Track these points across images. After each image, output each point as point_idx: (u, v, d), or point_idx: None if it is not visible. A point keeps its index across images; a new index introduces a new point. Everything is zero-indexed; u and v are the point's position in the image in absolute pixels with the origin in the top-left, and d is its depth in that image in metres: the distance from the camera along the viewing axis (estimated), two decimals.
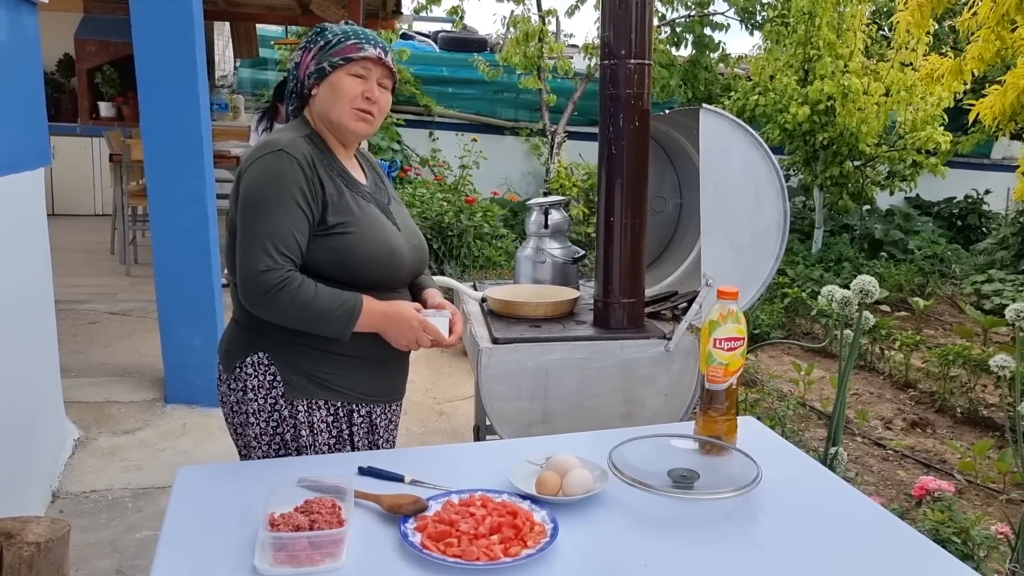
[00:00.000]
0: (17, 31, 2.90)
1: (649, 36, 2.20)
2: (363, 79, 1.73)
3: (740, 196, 2.21)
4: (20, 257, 2.94)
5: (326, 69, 1.72)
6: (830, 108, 7.49)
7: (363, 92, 1.72)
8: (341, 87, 1.72)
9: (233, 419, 1.79)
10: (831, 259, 7.95)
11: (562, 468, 1.55)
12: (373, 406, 1.83)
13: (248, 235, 1.64)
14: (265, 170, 1.66)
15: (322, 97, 1.74)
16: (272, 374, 1.73)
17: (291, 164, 1.65)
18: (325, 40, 1.75)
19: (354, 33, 1.75)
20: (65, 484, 3.15)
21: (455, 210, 6.14)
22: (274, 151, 1.67)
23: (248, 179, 1.67)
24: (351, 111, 1.72)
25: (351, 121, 1.73)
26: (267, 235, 1.62)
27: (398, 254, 1.77)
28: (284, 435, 1.75)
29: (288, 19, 9.07)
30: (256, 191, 1.65)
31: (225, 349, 1.80)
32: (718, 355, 1.68)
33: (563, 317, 2.44)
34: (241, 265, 1.64)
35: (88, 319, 4.97)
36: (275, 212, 1.63)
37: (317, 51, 1.75)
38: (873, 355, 5.72)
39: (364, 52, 1.71)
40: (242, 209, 1.66)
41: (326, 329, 1.67)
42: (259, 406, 1.74)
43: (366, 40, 1.74)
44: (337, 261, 1.69)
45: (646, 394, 2.23)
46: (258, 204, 1.64)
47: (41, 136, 3.18)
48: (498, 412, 2.20)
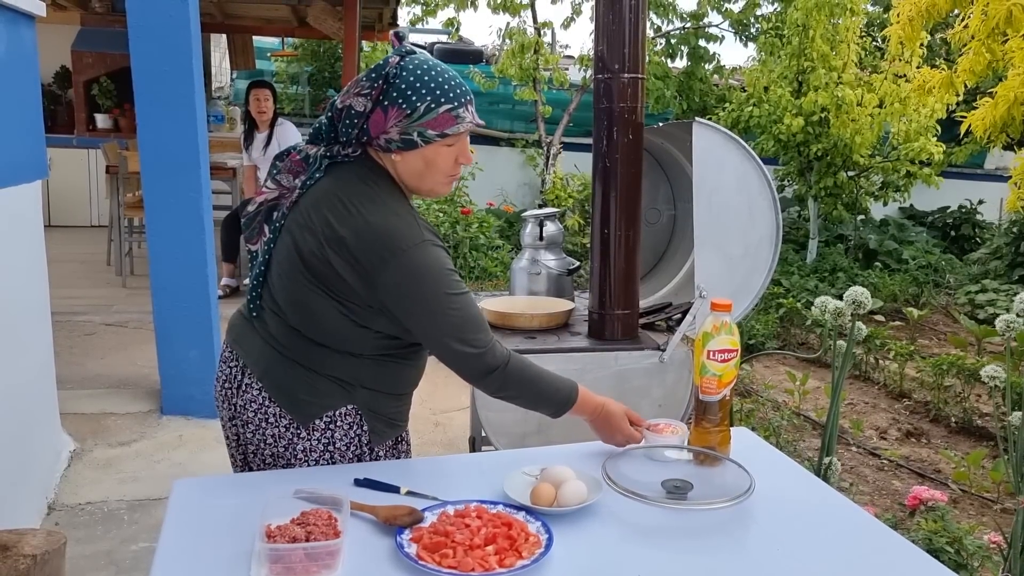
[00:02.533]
0: (15, 44, 2.92)
1: (643, 50, 2.22)
2: (454, 147, 1.60)
3: (733, 208, 2.23)
4: (17, 269, 2.95)
5: (417, 143, 1.57)
6: (824, 119, 7.55)
7: (456, 159, 1.62)
8: (436, 161, 1.60)
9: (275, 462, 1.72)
10: (826, 269, 7.98)
11: (556, 479, 1.56)
12: (407, 429, 1.88)
13: (441, 332, 1.59)
14: (426, 266, 1.56)
15: (410, 166, 1.60)
16: (359, 424, 1.69)
17: (439, 252, 1.59)
18: (411, 107, 1.55)
19: (442, 92, 1.56)
20: (61, 496, 3.15)
21: (451, 221, 6.16)
22: (419, 244, 1.56)
23: (405, 279, 1.54)
24: (445, 179, 1.63)
25: (442, 188, 1.65)
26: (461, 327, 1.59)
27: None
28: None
29: (285, 31, 9.11)
30: (426, 292, 1.56)
31: (301, 399, 1.66)
32: (712, 367, 1.69)
33: (558, 328, 2.45)
34: (456, 351, 1.60)
35: (84, 331, 4.97)
36: (456, 299, 1.58)
37: (402, 117, 1.56)
38: (868, 365, 5.74)
39: (461, 125, 1.57)
40: (416, 307, 1.57)
41: (537, 407, 1.74)
42: (341, 455, 1.70)
43: (458, 102, 1.57)
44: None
45: (641, 405, 2.24)
46: (439, 298, 1.56)
47: (38, 149, 3.19)
48: (493, 423, 2.21)
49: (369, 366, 1.66)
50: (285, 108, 9.31)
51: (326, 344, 1.64)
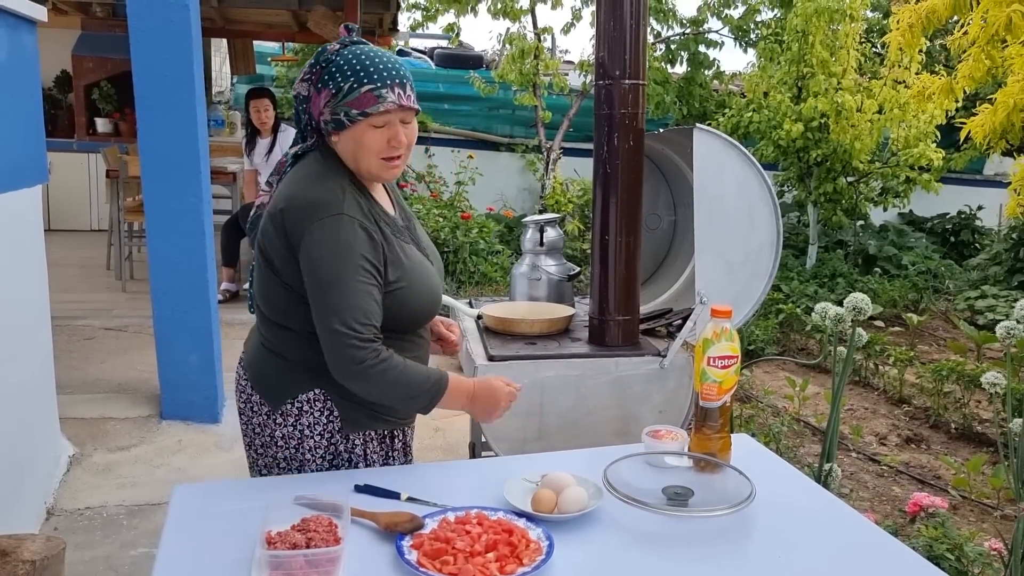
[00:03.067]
0: (17, 50, 2.93)
1: (643, 57, 2.22)
2: (385, 127, 1.62)
3: (734, 215, 2.23)
4: (17, 274, 2.95)
5: (344, 123, 1.62)
6: (824, 125, 7.55)
7: (388, 141, 1.62)
8: (364, 141, 1.62)
9: (264, 451, 1.76)
10: (825, 275, 7.98)
11: (557, 486, 1.56)
12: (406, 429, 1.86)
13: (329, 309, 1.58)
14: (332, 239, 1.58)
15: (345, 147, 1.65)
16: (329, 409, 1.70)
17: (354, 229, 1.59)
18: (336, 86, 1.61)
19: (366, 73, 1.60)
20: (60, 501, 3.14)
21: (451, 226, 6.16)
22: (335, 215, 1.59)
23: (312, 247, 1.58)
24: (378, 162, 1.64)
25: (382, 171, 1.67)
26: (346, 310, 1.57)
27: (438, 295, 1.78)
28: (339, 468, 1.74)
29: (285, 36, 9.13)
30: (326, 264, 1.58)
31: (271, 384, 1.73)
32: (712, 373, 1.69)
33: (558, 334, 2.45)
34: (329, 336, 1.59)
35: (84, 335, 4.96)
36: (352, 283, 1.58)
37: (329, 98, 1.62)
38: (867, 371, 5.74)
39: (383, 104, 1.59)
40: (315, 280, 1.60)
41: (411, 405, 1.69)
42: (315, 443, 1.72)
43: (382, 82, 1.59)
44: (390, 316, 1.66)
45: (641, 411, 2.24)
46: (333, 278, 1.58)
47: (39, 154, 3.20)
48: (494, 429, 2.21)
49: None
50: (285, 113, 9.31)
51: (289, 326, 1.69)
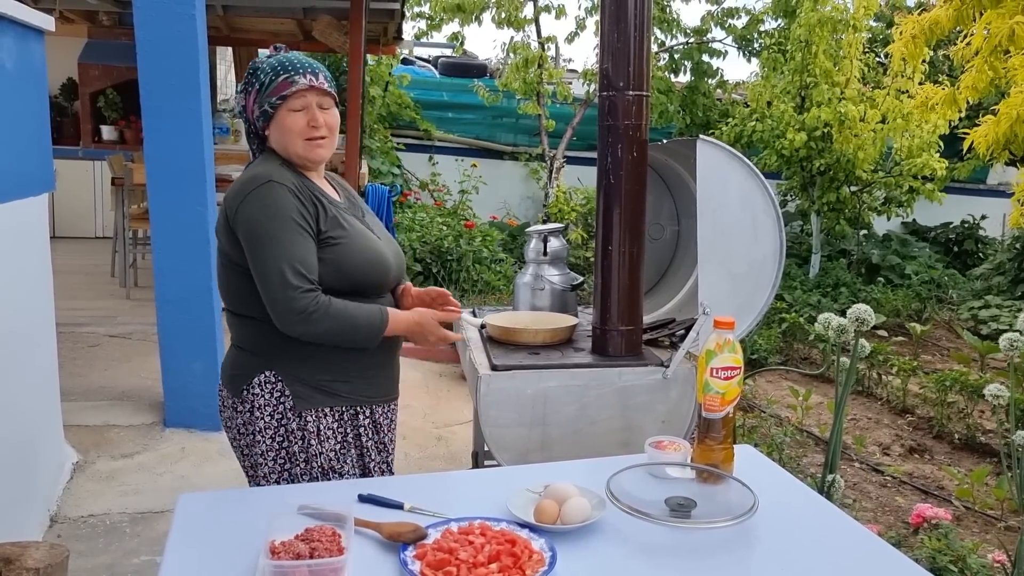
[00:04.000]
0: (25, 59, 2.95)
1: (647, 68, 2.23)
2: (303, 111, 1.80)
3: (737, 225, 2.23)
4: (23, 282, 2.96)
5: (268, 111, 1.81)
6: (827, 134, 7.56)
7: (308, 122, 1.80)
8: (286, 125, 1.80)
9: (240, 440, 1.86)
10: (828, 284, 7.98)
11: (560, 496, 1.56)
12: (375, 407, 1.91)
13: (265, 268, 1.72)
14: (262, 202, 1.74)
15: (275, 137, 1.84)
16: (280, 390, 1.81)
17: (282, 192, 1.75)
18: (260, 83, 1.82)
19: (282, 67, 1.80)
20: (63, 508, 3.15)
21: (454, 234, 6.17)
22: (264, 183, 1.75)
23: (246, 215, 1.75)
24: (303, 143, 1.82)
25: (308, 152, 1.83)
26: (284, 262, 1.70)
27: (385, 260, 1.89)
28: (292, 447, 1.82)
29: (291, 45, 9.15)
30: (259, 225, 1.73)
31: (230, 375, 1.87)
32: (715, 384, 1.70)
33: (562, 344, 2.46)
34: (270, 298, 1.72)
35: (88, 342, 4.97)
36: (284, 238, 1.72)
37: (256, 95, 1.83)
38: (871, 380, 5.73)
39: (295, 86, 1.78)
40: (249, 244, 1.74)
41: (360, 339, 1.78)
42: (266, 423, 1.81)
43: (295, 71, 1.79)
44: (332, 271, 1.78)
45: (644, 421, 2.24)
46: (266, 236, 1.72)
47: (46, 162, 3.21)
48: (497, 439, 2.21)
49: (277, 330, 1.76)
50: None
51: (245, 314, 1.82)
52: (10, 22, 2.78)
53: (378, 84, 9.37)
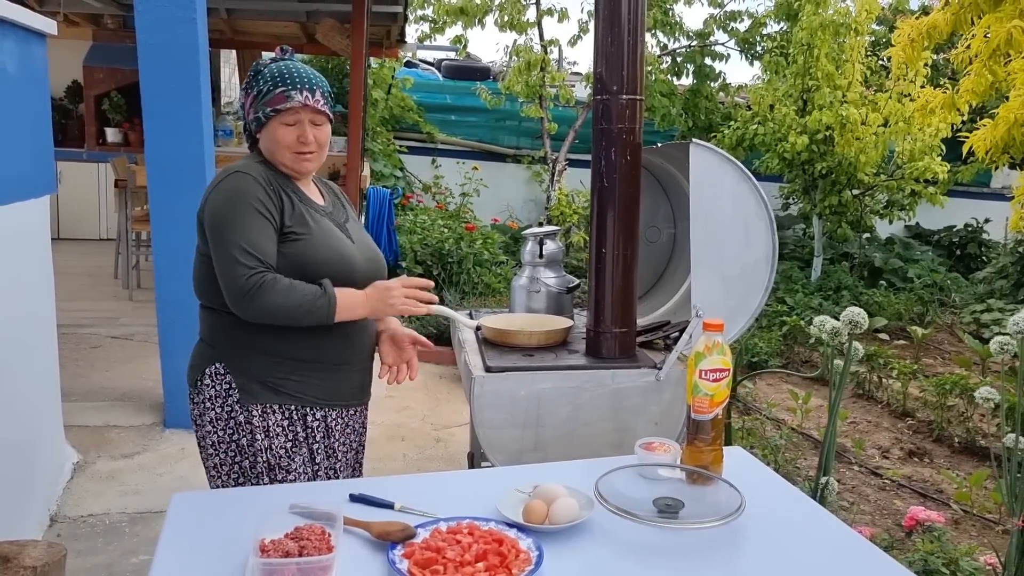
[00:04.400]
0: (26, 63, 2.97)
1: (641, 72, 2.25)
2: (295, 125, 1.83)
3: (730, 229, 2.25)
4: (24, 283, 2.98)
5: (262, 119, 1.84)
6: (829, 138, 7.57)
7: (297, 137, 1.84)
8: (277, 137, 1.84)
9: (197, 432, 1.91)
10: (830, 287, 7.98)
11: (549, 497, 1.57)
12: (328, 410, 1.92)
13: (221, 250, 1.76)
14: (224, 191, 1.80)
15: (264, 143, 1.88)
16: (228, 383, 1.85)
17: (247, 181, 1.80)
18: (258, 89, 1.85)
19: (282, 79, 1.82)
20: (63, 508, 3.17)
21: (455, 237, 6.19)
22: (231, 174, 1.82)
23: (211, 203, 1.81)
24: (291, 155, 1.86)
25: (294, 164, 1.87)
26: (237, 243, 1.74)
27: (349, 259, 1.88)
28: (240, 440, 1.85)
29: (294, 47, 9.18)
30: (220, 210, 1.78)
31: (190, 366, 1.93)
32: (704, 386, 1.71)
33: (556, 346, 2.47)
34: (223, 279, 1.76)
35: (90, 343, 5.00)
36: (240, 222, 1.76)
37: (253, 99, 1.86)
38: (871, 384, 5.73)
39: (290, 103, 1.81)
40: (210, 230, 1.79)
41: (312, 316, 1.77)
42: (216, 415, 1.86)
43: (293, 86, 1.82)
44: (292, 265, 1.80)
45: (637, 423, 2.26)
46: (224, 219, 1.77)
47: (47, 164, 3.24)
48: (490, 440, 2.23)
49: (229, 323, 1.81)
50: None
51: (208, 305, 1.88)
52: (11, 26, 2.81)
53: (381, 87, 9.40)
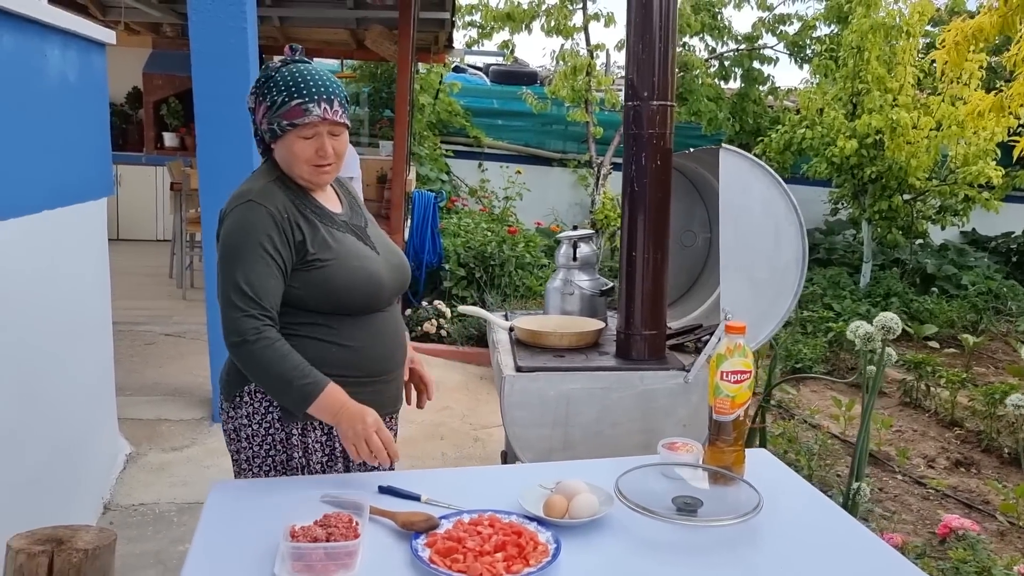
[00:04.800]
0: (87, 71, 3.12)
1: (671, 78, 2.28)
2: (313, 138, 1.77)
3: (759, 233, 2.26)
4: (83, 281, 3.13)
5: (277, 132, 1.78)
6: (879, 142, 7.44)
7: (316, 151, 1.78)
8: (294, 150, 1.78)
9: (231, 445, 1.90)
10: (879, 294, 7.84)
11: (570, 492, 1.62)
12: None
13: (224, 283, 1.72)
14: (236, 222, 1.74)
15: (280, 155, 1.82)
16: (268, 400, 1.81)
17: (260, 214, 1.73)
18: (271, 100, 1.77)
19: (297, 89, 1.75)
20: (116, 497, 3.31)
21: (498, 240, 6.25)
22: (245, 202, 1.75)
23: (224, 230, 1.76)
24: (309, 168, 1.80)
25: (312, 177, 1.82)
26: (240, 282, 1.70)
27: (376, 278, 1.84)
28: (277, 457, 1.84)
29: (344, 53, 9.39)
30: (229, 242, 1.74)
31: (225, 380, 1.89)
32: (725, 387, 1.74)
33: (587, 348, 2.51)
34: (221, 309, 1.73)
35: (145, 340, 5.19)
36: (248, 260, 1.71)
37: (266, 110, 1.78)
38: (919, 392, 5.63)
39: (308, 117, 1.74)
40: (219, 258, 1.76)
41: (285, 396, 1.73)
42: (253, 431, 1.84)
43: (310, 97, 1.75)
44: (319, 293, 1.78)
45: (665, 425, 2.28)
46: (231, 254, 1.73)
47: (105, 168, 3.39)
48: (520, 438, 2.28)
49: None
50: None
51: None
52: (74, 36, 2.96)
53: (428, 92, 9.52)
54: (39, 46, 2.70)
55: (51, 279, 2.78)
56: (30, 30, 2.60)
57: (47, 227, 2.71)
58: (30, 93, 2.62)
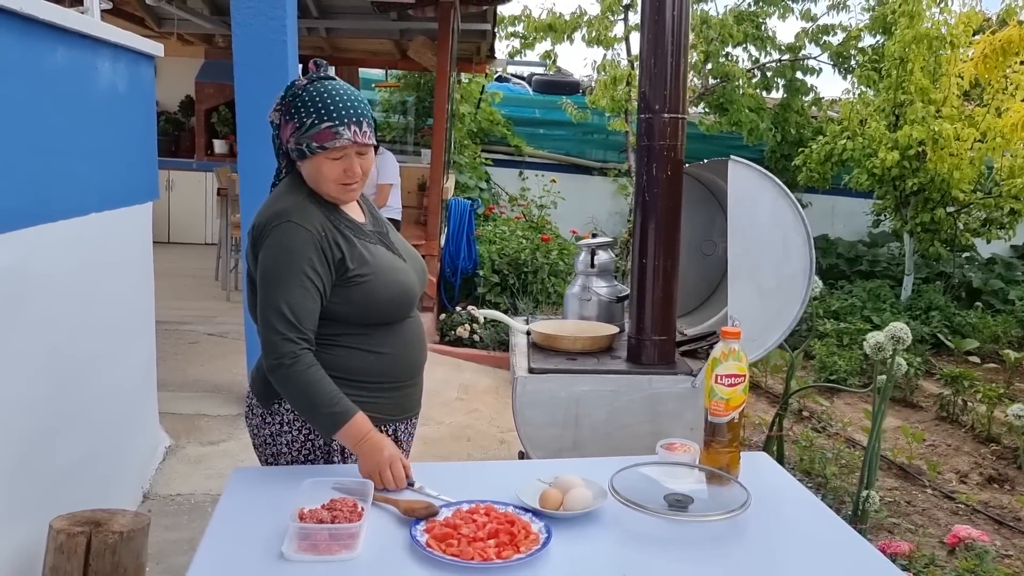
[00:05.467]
0: (135, 82, 3.30)
1: (683, 91, 2.35)
2: (342, 159, 1.80)
3: (767, 242, 2.32)
4: (127, 282, 3.30)
5: (306, 153, 1.79)
6: (921, 153, 7.36)
7: (344, 171, 1.81)
8: (323, 171, 1.81)
9: (265, 450, 1.96)
10: (920, 307, 7.73)
11: (565, 486, 1.70)
12: (397, 423, 1.99)
13: (266, 304, 1.77)
14: (278, 243, 1.77)
15: (308, 173, 1.84)
16: None
17: (301, 235, 1.76)
18: (300, 121, 1.78)
19: (327, 111, 1.76)
20: (155, 487, 3.47)
21: (532, 247, 6.35)
22: (285, 222, 1.77)
23: (264, 251, 1.79)
24: (337, 187, 1.83)
25: (340, 195, 1.86)
26: (279, 305, 1.74)
27: (410, 289, 1.93)
28: (316, 461, 1.92)
29: (388, 63, 9.60)
30: (271, 264, 1.77)
31: (262, 388, 1.89)
32: (719, 390, 1.80)
33: (601, 352, 2.59)
34: (261, 330, 1.79)
35: (189, 339, 5.40)
36: (289, 284, 1.75)
37: (294, 129, 1.80)
38: (955, 407, 5.56)
39: (339, 141, 1.77)
40: (260, 279, 1.80)
41: (313, 419, 1.80)
42: (292, 437, 1.90)
43: (340, 120, 1.77)
44: (359, 307, 1.84)
45: (673, 428, 2.34)
46: (273, 277, 1.77)
47: (151, 174, 3.56)
48: (531, 437, 2.36)
49: None
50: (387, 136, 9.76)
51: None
52: (123, 49, 3.14)
53: (469, 102, 9.67)
54: (91, 59, 2.88)
55: (97, 279, 2.95)
56: (83, 44, 2.77)
57: (94, 229, 2.87)
58: (81, 103, 2.80)
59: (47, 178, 2.55)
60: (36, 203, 2.47)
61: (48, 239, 2.53)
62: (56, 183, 2.61)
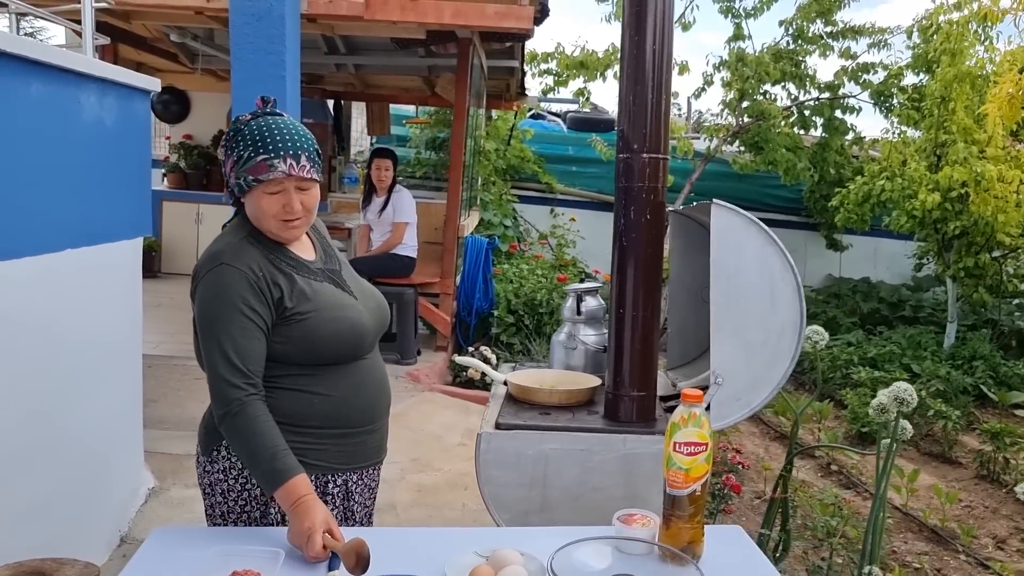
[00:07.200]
0: (127, 117, 3.26)
1: (665, 131, 2.20)
2: (280, 194, 1.74)
3: (753, 293, 2.14)
4: (112, 316, 3.23)
5: (243, 187, 1.74)
6: (963, 195, 7.04)
7: (283, 206, 1.74)
8: (261, 206, 1.75)
9: (207, 500, 1.86)
10: (964, 356, 7.34)
11: (499, 564, 1.53)
12: (349, 474, 1.87)
13: (208, 349, 1.70)
14: (212, 286, 1.71)
15: (250, 210, 1.79)
16: None
17: (233, 276, 1.70)
18: (238, 154, 1.74)
19: (263, 144, 1.72)
20: (133, 530, 3.37)
21: (548, 288, 6.19)
22: (216, 266, 1.72)
23: (199, 296, 1.73)
24: (278, 223, 1.76)
25: (281, 231, 1.78)
26: (225, 348, 1.68)
27: (359, 326, 1.82)
28: (252, 513, 1.80)
29: (419, 100, 9.62)
30: (206, 308, 1.71)
31: (203, 433, 1.85)
32: (678, 459, 1.62)
33: (579, 406, 2.41)
34: (209, 377, 1.72)
35: (194, 375, 5.32)
36: (228, 325, 1.68)
37: (233, 164, 1.76)
38: (997, 464, 5.22)
39: (273, 173, 1.71)
40: (199, 324, 1.74)
41: (255, 471, 1.70)
42: (229, 486, 1.80)
43: (276, 153, 1.71)
44: (302, 346, 1.75)
45: (649, 491, 2.15)
46: (211, 320, 1.70)
47: (142, 210, 3.50)
48: (496, 498, 2.20)
49: None
50: (417, 172, 9.75)
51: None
52: (112, 84, 3.10)
53: (495, 139, 9.62)
54: (72, 93, 2.84)
55: (74, 313, 2.88)
56: (62, 79, 2.73)
57: (70, 265, 2.81)
58: (57, 137, 2.75)
59: (14, 214, 2.50)
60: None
61: (12, 275, 2.47)
62: (25, 219, 2.56)
